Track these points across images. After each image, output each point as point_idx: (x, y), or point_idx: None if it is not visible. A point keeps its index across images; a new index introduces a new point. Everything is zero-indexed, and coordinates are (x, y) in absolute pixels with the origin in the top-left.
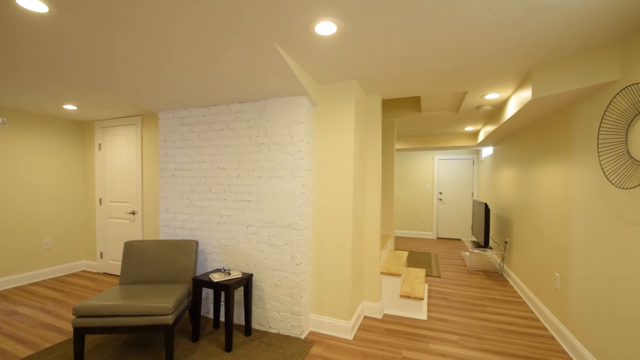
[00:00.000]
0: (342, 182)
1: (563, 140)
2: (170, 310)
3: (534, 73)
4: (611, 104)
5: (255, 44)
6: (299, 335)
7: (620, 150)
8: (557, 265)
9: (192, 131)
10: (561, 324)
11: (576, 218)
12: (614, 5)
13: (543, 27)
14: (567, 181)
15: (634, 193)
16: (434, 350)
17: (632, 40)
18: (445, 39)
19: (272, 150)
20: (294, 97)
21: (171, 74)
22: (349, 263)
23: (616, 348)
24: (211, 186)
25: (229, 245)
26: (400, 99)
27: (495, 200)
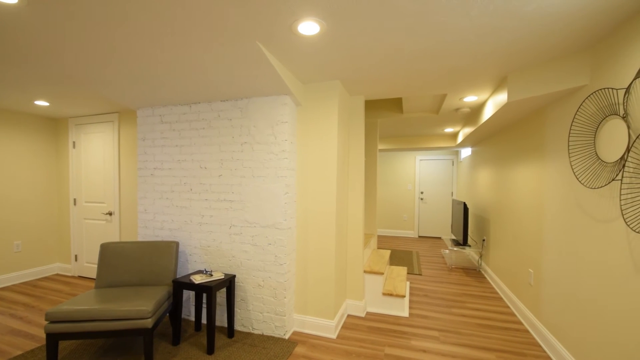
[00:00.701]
0: (325, 181)
1: (537, 141)
2: (150, 314)
3: (509, 77)
4: (581, 108)
5: (238, 42)
6: (282, 336)
7: (589, 151)
8: (531, 262)
9: (172, 129)
10: (535, 318)
11: (549, 216)
12: (582, 14)
13: (518, 34)
14: (541, 181)
15: (602, 192)
16: (416, 346)
17: (600, 48)
18: (425, 42)
19: (255, 150)
20: (278, 97)
21: (150, 70)
22: (332, 262)
23: (586, 339)
24: (192, 186)
25: (211, 246)
26: (382, 100)
27: (473, 199)
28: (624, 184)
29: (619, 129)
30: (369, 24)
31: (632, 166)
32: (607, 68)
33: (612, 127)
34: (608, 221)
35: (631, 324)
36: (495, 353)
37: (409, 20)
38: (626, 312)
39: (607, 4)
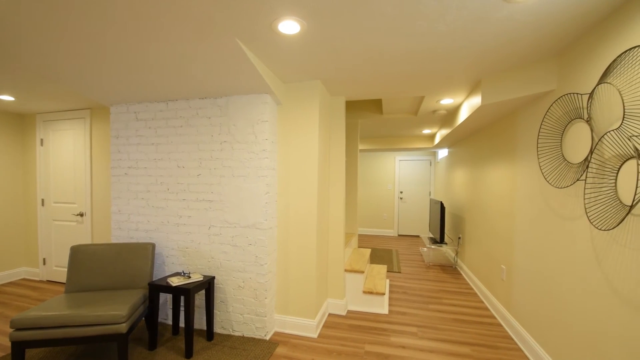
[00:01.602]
0: (306, 181)
1: (509, 143)
2: (124, 318)
3: (483, 81)
4: (549, 112)
5: (217, 39)
6: (263, 337)
7: (556, 153)
8: (503, 258)
9: (148, 127)
10: (507, 312)
11: (519, 215)
12: (549, 22)
13: (490, 39)
14: (512, 181)
15: (568, 192)
16: (395, 342)
17: (566, 55)
18: (403, 45)
19: (235, 149)
20: (258, 95)
21: (125, 65)
22: (313, 262)
23: (553, 331)
24: (169, 185)
25: (189, 248)
26: (363, 101)
27: (450, 198)
28: (588, 183)
29: (583, 131)
30: (348, 25)
31: (595, 167)
32: (572, 74)
33: (577, 130)
34: (574, 219)
35: (593, 315)
36: (470, 347)
37: (387, 23)
38: (589, 304)
39: (571, 14)
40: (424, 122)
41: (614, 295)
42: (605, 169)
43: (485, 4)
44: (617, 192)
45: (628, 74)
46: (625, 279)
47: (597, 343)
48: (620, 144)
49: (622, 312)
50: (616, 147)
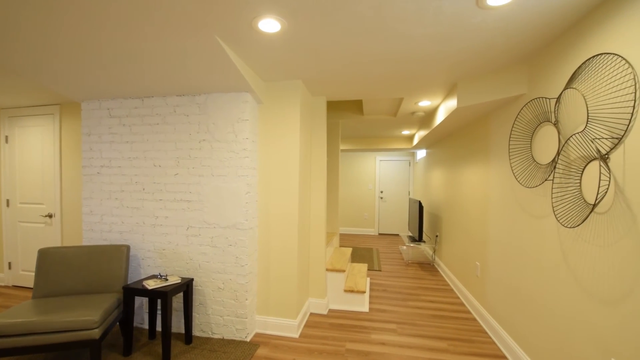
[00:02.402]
0: (288, 181)
1: (482, 144)
2: (97, 324)
3: (459, 84)
4: (519, 115)
5: (195, 35)
6: (244, 338)
7: (526, 154)
8: (478, 255)
9: (122, 124)
10: (482, 307)
11: (493, 213)
12: (519, 29)
13: (466, 43)
14: (486, 181)
15: (537, 191)
16: (375, 339)
17: (536, 61)
18: (383, 47)
19: (215, 148)
20: (238, 94)
21: (97, 59)
22: (295, 262)
23: (524, 324)
24: (145, 185)
25: (167, 249)
26: (344, 101)
27: (428, 198)
28: (555, 183)
29: (551, 134)
30: (329, 26)
31: (561, 168)
32: (541, 79)
33: (545, 133)
34: (542, 217)
35: (561, 307)
36: (447, 341)
37: (367, 25)
38: (557, 297)
39: (540, 22)
40: (403, 123)
41: (579, 289)
42: (571, 170)
43: (461, 10)
44: (582, 191)
45: (591, 80)
46: (589, 273)
47: (564, 334)
48: (584, 146)
49: (586, 305)
50: (581, 149)
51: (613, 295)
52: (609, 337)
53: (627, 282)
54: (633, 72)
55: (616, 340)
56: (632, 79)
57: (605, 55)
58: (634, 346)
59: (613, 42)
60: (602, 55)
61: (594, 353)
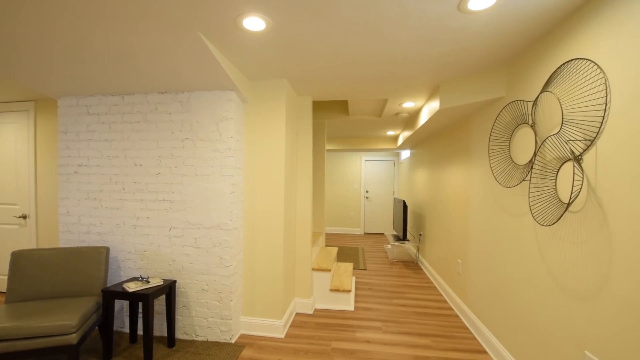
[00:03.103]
0: (273, 180)
1: (464, 145)
2: (74, 328)
3: (441, 86)
4: (499, 117)
5: (178, 32)
6: (229, 340)
7: (505, 155)
8: (459, 253)
9: (101, 122)
10: (463, 304)
11: (473, 212)
12: (498, 34)
13: (447, 47)
14: (467, 181)
15: (515, 191)
16: (360, 338)
17: (514, 64)
18: (367, 48)
19: (198, 147)
20: (223, 92)
21: (74, 54)
22: (280, 262)
23: (504, 320)
24: (125, 185)
25: (148, 251)
26: (330, 101)
27: (412, 197)
28: (532, 183)
29: (528, 136)
30: (314, 26)
31: (538, 168)
32: (519, 82)
33: (523, 134)
34: (520, 216)
35: (538, 303)
36: (430, 338)
37: (351, 26)
38: (534, 293)
39: (518, 27)
40: (388, 123)
41: (555, 285)
42: (546, 170)
43: (443, 14)
44: (557, 191)
45: (566, 84)
46: (564, 270)
47: (541, 328)
48: (559, 147)
49: (562, 300)
50: (556, 150)
51: (586, 291)
52: (582, 330)
53: (599, 278)
54: (604, 77)
55: (589, 333)
56: (603, 84)
57: (578, 60)
58: (606, 339)
59: (586, 48)
60: (576, 60)
61: (569, 346)
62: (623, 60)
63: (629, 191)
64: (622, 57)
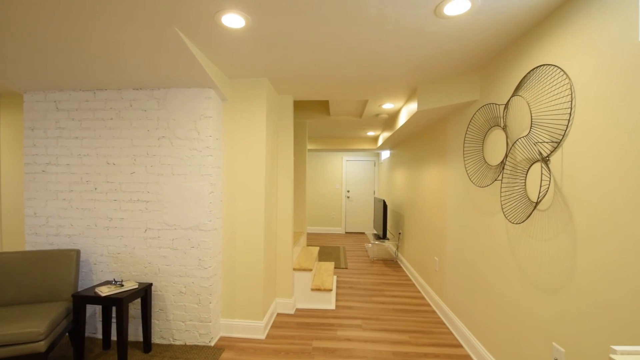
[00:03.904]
0: (253, 180)
1: (441, 146)
2: (42, 335)
3: (419, 89)
4: (473, 119)
5: (154, 26)
6: (208, 343)
7: (479, 156)
8: (436, 251)
9: (71, 118)
10: (440, 300)
11: (449, 211)
12: (474, 39)
13: (425, 50)
14: (443, 181)
15: (488, 190)
16: (341, 336)
17: (487, 69)
18: (347, 49)
19: (175, 145)
20: (201, 89)
21: (40, 45)
22: (261, 263)
23: (478, 314)
24: (97, 184)
25: (122, 253)
26: (311, 101)
27: (391, 197)
28: (504, 183)
29: (500, 138)
30: (295, 26)
31: (509, 169)
32: (492, 86)
33: (495, 136)
34: (492, 214)
35: (509, 297)
36: (409, 334)
37: (331, 27)
38: (505, 288)
39: (491, 33)
40: (368, 124)
41: (525, 280)
42: (517, 171)
43: (420, 18)
44: (526, 190)
45: (535, 89)
46: (533, 266)
47: (512, 321)
48: (528, 149)
49: (531, 294)
50: (525, 152)
51: (553, 285)
52: (550, 322)
53: (565, 273)
54: (570, 82)
55: (556, 325)
56: (569, 89)
57: (546, 66)
58: (571, 331)
59: (554, 54)
60: (544, 66)
61: (538, 338)
62: (586, 67)
63: (591, 190)
64: (585, 64)
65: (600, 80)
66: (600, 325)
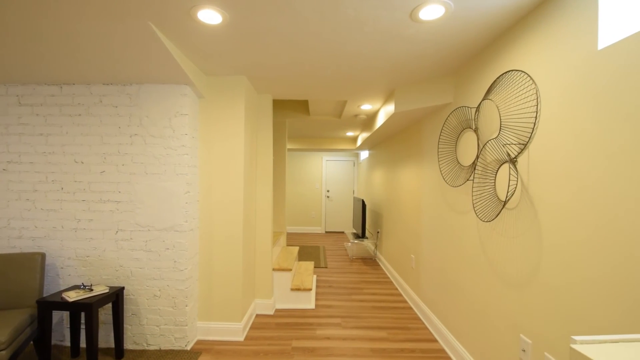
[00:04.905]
0: (232, 179)
1: (417, 147)
2: (4, 345)
3: (396, 91)
4: (446, 121)
5: (126, 19)
6: (184, 347)
7: (452, 157)
8: (413, 249)
9: (35, 114)
10: (417, 296)
11: (425, 210)
12: (448, 43)
13: (402, 53)
14: (419, 180)
15: (461, 190)
16: (320, 335)
17: (461, 73)
18: (325, 49)
19: (149, 144)
20: (177, 86)
21: (2, 36)
22: (239, 264)
23: (451, 309)
24: (64, 184)
25: (91, 256)
26: (291, 100)
27: (370, 196)
28: (475, 183)
29: (472, 139)
30: (273, 24)
31: (480, 169)
32: (465, 89)
33: (467, 138)
34: (465, 213)
35: (480, 292)
36: (387, 330)
37: (309, 27)
38: (476, 283)
39: (463, 38)
40: (347, 125)
41: (494, 275)
42: (487, 171)
43: (397, 21)
44: (496, 190)
45: (504, 93)
46: (502, 261)
47: (482, 315)
48: (497, 150)
49: (500, 288)
50: (495, 153)
51: (520, 280)
52: (518, 315)
53: (530, 268)
54: (536, 87)
55: (523, 318)
56: (534, 93)
57: (514, 71)
58: (537, 323)
59: (522, 60)
60: (512, 71)
61: (506, 330)
62: (551, 72)
63: (554, 190)
64: (550, 70)
65: (563, 86)
66: (562, 317)
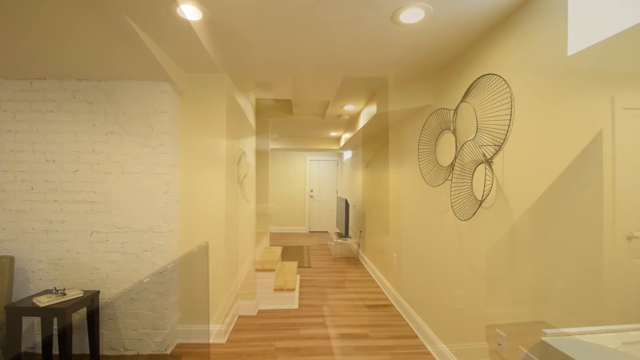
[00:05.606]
0: (213, 179)
1: (398, 148)
2: None
3: (378, 92)
4: (426, 123)
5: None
6: (163, 351)
7: (432, 157)
8: (394, 247)
9: (3, 110)
10: (398, 294)
11: (406, 209)
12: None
13: (384, 55)
14: (400, 180)
15: (440, 190)
16: (304, 335)
17: (440, 75)
18: (308, 49)
19: (125, 142)
20: (156, 83)
21: None
22: (221, 265)
23: (431, 305)
24: (34, 184)
25: (64, 259)
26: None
27: (353, 196)
28: (453, 183)
29: (450, 140)
30: (254, 22)
31: (458, 170)
32: (444, 92)
33: (446, 139)
34: (444, 212)
35: (457, 289)
36: (369, 328)
37: (293, 25)
38: (454, 280)
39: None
40: (330, 125)
41: (471, 272)
42: (464, 172)
43: (378, 23)
44: (473, 190)
45: (480, 96)
46: (479, 258)
47: (460, 311)
48: (474, 151)
49: (476, 284)
50: (472, 154)
51: (495, 276)
52: (493, 310)
53: (505, 264)
54: (510, 90)
55: (499, 313)
56: (509, 97)
57: (490, 75)
58: (511, 317)
59: (498, 64)
60: (488, 75)
61: (483, 325)
62: (524, 76)
63: (527, 189)
64: (523, 73)
65: (534, 89)
66: (535, 312)
